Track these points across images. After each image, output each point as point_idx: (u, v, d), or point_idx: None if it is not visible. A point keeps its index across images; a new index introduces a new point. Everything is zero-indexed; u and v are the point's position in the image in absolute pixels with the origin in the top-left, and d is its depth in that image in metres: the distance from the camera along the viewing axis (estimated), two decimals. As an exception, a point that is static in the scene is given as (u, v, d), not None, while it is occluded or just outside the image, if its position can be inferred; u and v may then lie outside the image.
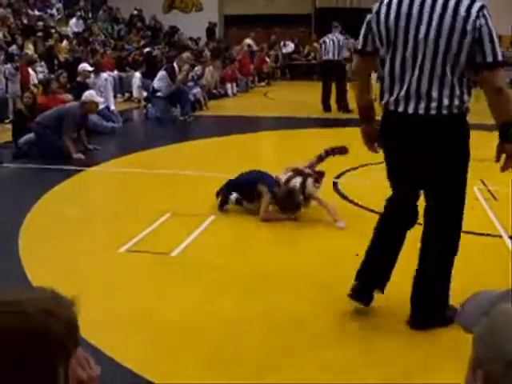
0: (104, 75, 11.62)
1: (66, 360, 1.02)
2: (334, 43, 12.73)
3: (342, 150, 6.12)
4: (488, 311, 0.97)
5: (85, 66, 12.24)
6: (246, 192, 5.64)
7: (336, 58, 12.73)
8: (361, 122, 3.62)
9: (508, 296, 0.99)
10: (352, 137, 9.99)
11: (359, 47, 3.49)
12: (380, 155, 3.57)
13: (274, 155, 9.34)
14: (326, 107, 12.99)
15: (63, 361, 1.01)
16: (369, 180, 6.92)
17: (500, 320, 0.94)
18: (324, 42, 12.95)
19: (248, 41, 20.84)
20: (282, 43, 22.77)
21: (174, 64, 12.28)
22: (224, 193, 5.73)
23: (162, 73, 12.15)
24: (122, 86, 15.22)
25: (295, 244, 5.01)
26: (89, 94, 8.72)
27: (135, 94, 14.50)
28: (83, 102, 8.55)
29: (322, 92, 13.06)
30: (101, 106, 10.35)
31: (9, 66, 11.51)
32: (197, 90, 13.40)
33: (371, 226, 3.53)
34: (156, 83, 12.08)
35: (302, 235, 5.20)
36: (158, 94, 11.98)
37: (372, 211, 5.68)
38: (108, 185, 7.21)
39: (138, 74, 14.48)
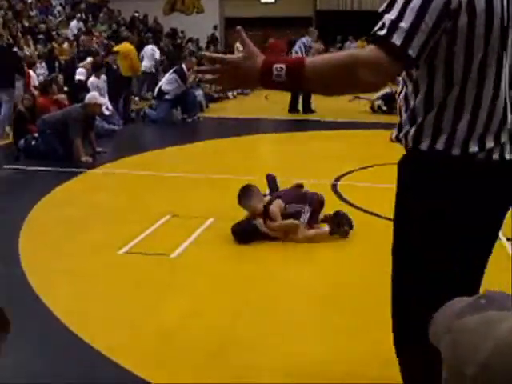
0: (103, 77, 11.59)
1: None
2: (300, 49, 12.64)
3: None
4: (451, 327, 0.96)
5: (81, 71, 12.25)
6: None
7: None
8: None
9: (472, 307, 0.97)
10: (353, 138, 10.05)
11: (397, 45, 1.70)
12: (380, 157, 3.55)
13: (275, 157, 9.35)
14: (292, 110, 13.09)
15: None
16: (369, 182, 6.92)
17: (457, 338, 0.93)
18: None
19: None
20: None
21: (183, 66, 12.29)
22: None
23: (171, 76, 12.13)
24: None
25: (296, 246, 5.00)
26: (92, 96, 8.62)
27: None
28: (86, 104, 8.45)
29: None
30: (106, 112, 10.37)
31: None
32: (198, 93, 13.39)
33: (371, 230, 3.52)
34: (165, 86, 12.05)
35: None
36: (166, 96, 11.98)
37: (374, 215, 5.68)
38: (108, 187, 7.21)
39: None
